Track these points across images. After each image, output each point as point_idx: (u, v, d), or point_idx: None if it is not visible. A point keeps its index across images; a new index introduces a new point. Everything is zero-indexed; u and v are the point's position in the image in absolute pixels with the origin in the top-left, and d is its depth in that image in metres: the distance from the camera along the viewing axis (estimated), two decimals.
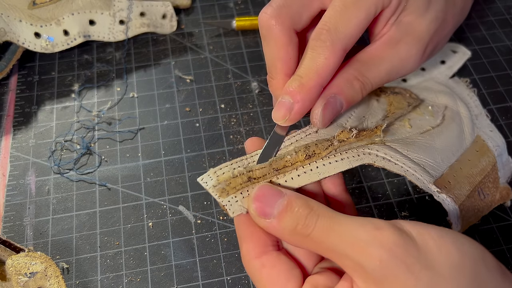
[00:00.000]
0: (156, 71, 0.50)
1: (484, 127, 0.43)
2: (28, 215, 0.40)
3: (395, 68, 0.33)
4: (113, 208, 0.41)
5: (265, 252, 0.28)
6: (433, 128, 0.39)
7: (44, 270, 0.35)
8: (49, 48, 0.48)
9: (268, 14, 0.31)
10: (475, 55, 0.51)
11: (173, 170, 0.43)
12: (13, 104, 0.47)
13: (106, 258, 0.38)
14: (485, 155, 0.40)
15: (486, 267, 0.24)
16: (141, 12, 0.51)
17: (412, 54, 0.33)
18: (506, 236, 0.40)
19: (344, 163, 0.32)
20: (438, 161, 0.37)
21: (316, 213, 0.26)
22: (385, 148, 0.35)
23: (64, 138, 0.45)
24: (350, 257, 0.24)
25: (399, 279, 0.23)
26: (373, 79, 0.32)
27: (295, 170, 0.31)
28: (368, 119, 0.37)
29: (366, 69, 0.32)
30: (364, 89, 0.32)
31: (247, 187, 0.30)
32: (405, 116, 0.40)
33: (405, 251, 0.23)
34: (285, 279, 0.27)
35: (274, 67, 0.32)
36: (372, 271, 0.23)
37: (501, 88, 0.48)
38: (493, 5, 0.57)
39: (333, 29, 0.30)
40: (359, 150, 0.33)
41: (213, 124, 0.46)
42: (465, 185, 0.37)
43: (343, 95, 0.31)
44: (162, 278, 0.37)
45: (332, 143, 0.33)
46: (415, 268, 0.23)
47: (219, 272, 0.38)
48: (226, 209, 0.29)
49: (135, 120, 0.46)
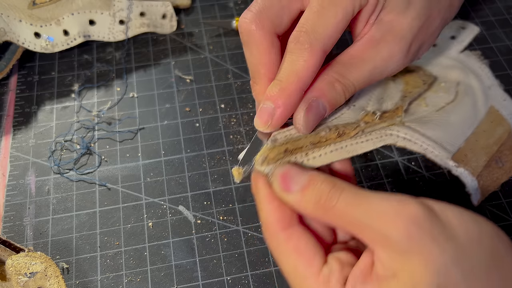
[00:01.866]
0: (156, 71, 0.50)
1: (498, 97, 0.44)
2: (28, 215, 0.40)
3: (378, 69, 0.32)
4: (113, 208, 0.41)
5: (291, 225, 0.28)
6: (448, 105, 0.40)
7: (44, 270, 0.35)
8: (49, 48, 0.48)
9: (248, 19, 0.30)
10: None
11: (173, 170, 0.43)
12: (13, 104, 0.47)
13: (106, 258, 0.38)
14: (500, 125, 0.41)
15: (503, 244, 0.25)
16: (141, 12, 0.51)
17: (395, 53, 0.32)
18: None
19: (369, 144, 0.33)
20: (454, 136, 0.38)
21: (340, 187, 0.26)
22: (405, 128, 0.36)
23: (64, 138, 0.45)
24: (375, 229, 0.24)
25: (425, 250, 0.23)
26: (355, 80, 0.31)
27: (329, 146, 0.32)
28: (387, 101, 0.38)
29: (348, 71, 0.31)
30: (346, 91, 0.31)
31: (284, 158, 0.30)
32: (422, 94, 0.40)
33: (431, 222, 0.24)
34: (312, 252, 0.27)
35: (257, 72, 0.31)
36: (398, 242, 0.24)
37: (501, 88, 0.48)
38: (493, 5, 0.57)
39: (311, 31, 0.29)
40: (381, 131, 0.34)
41: (213, 124, 0.46)
42: (482, 156, 0.38)
43: (325, 98, 0.30)
44: (162, 278, 0.37)
45: (359, 125, 0.34)
46: (440, 239, 0.23)
47: (219, 272, 0.38)
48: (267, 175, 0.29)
49: (135, 120, 0.46)
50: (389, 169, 0.43)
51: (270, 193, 0.29)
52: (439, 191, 0.42)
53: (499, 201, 0.41)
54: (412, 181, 0.43)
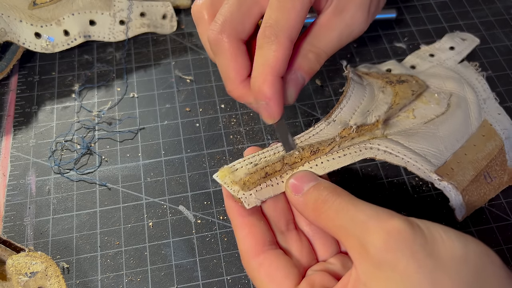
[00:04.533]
0: (156, 71, 0.50)
1: (492, 111, 0.44)
2: (29, 215, 0.40)
3: (344, 35, 0.35)
4: (113, 208, 0.41)
5: (263, 251, 0.29)
6: (437, 117, 0.40)
7: (44, 269, 0.35)
8: (50, 48, 0.48)
9: (216, 31, 0.32)
10: (475, 55, 0.51)
11: (173, 170, 0.43)
12: (13, 104, 0.47)
13: (107, 258, 0.38)
14: (491, 139, 0.41)
15: (492, 263, 0.24)
16: (141, 12, 0.51)
17: (357, 18, 0.35)
18: (506, 236, 0.40)
19: (347, 158, 0.34)
20: (441, 149, 0.38)
21: (337, 193, 0.28)
22: (386, 141, 0.36)
23: (65, 138, 0.45)
24: (356, 236, 0.25)
25: (401, 264, 0.23)
26: (325, 48, 0.35)
27: (302, 166, 0.33)
28: (373, 113, 0.38)
29: (317, 40, 0.34)
30: (319, 58, 0.35)
31: (264, 183, 0.32)
32: (410, 106, 0.40)
33: (413, 238, 0.24)
34: (282, 276, 0.28)
35: (229, 77, 0.33)
36: (375, 253, 0.24)
37: (501, 89, 0.48)
38: (493, 5, 0.57)
39: (275, 24, 0.31)
40: (361, 145, 0.35)
41: (213, 124, 0.46)
42: (470, 170, 0.38)
43: (302, 69, 0.34)
44: (162, 278, 0.37)
45: (334, 139, 0.35)
46: (420, 255, 0.23)
47: (219, 272, 0.38)
48: (242, 201, 0.31)
49: (135, 120, 0.46)
50: (389, 169, 0.43)
51: (243, 220, 0.31)
52: (438, 191, 0.42)
53: (499, 201, 0.41)
54: (412, 181, 0.43)
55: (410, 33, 0.53)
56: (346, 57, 0.51)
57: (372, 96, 0.40)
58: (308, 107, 0.47)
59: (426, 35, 0.53)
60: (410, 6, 0.56)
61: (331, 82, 0.49)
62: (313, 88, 0.48)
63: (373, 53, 0.51)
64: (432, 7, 0.56)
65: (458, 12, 0.56)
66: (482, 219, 0.40)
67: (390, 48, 0.52)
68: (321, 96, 0.48)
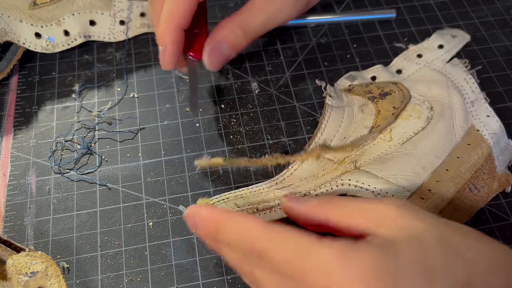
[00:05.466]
0: (156, 71, 0.50)
1: (481, 113, 0.42)
2: (29, 214, 0.40)
3: (271, 19, 0.40)
4: (113, 208, 0.41)
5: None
6: (416, 134, 0.39)
7: (44, 269, 0.35)
8: (50, 48, 0.48)
9: None
10: (474, 56, 0.51)
11: (173, 170, 0.43)
12: (13, 104, 0.47)
13: (107, 258, 0.38)
14: (477, 147, 0.39)
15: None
16: (141, 12, 0.51)
17: (284, 7, 0.40)
18: (506, 236, 0.40)
19: None
20: (417, 171, 0.37)
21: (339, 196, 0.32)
22: (358, 174, 0.36)
23: (65, 138, 0.45)
24: (375, 210, 0.27)
25: (418, 225, 0.26)
26: (253, 27, 0.39)
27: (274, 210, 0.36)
28: (351, 138, 0.38)
29: (247, 20, 0.39)
30: (246, 36, 0.39)
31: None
32: (390, 125, 0.39)
33: (416, 207, 0.28)
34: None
35: (156, 20, 0.38)
36: (389, 222, 0.26)
37: (501, 89, 0.48)
38: (493, 5, 0.57)
39: None
40: (332, 183, 0.36)
41: (213, 124, 0.46)
42: (450, 187, 0.37)
43: (228, 42, 0.38)
44: (162, 278, 0.37)
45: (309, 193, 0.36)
46: (429, 219, 0.27)
47: (219, 272, 0.38)
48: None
49: (135, 120, 0.46)
50: None
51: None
52: None
53: (499, 201, 0.41)
54: None
55: (410, 33, 0.53)
56: (346, 57, 0.51)
57: (350, 119, 0.40)
58: (308, 107, 0.47)
59: (426, 35, 0.53)
60: (410, 6, 0.56)
61: (331, 82, 0.49)
62: (313, 88, 0.49)
63: (373, 53, 0.51)
64: (432, 7, 0.56)
65: (458, 12, 0.56)
66: (482, 219, 0.40)
67: (390, 48, 0.52)
68: (321, 96, 0.48)
